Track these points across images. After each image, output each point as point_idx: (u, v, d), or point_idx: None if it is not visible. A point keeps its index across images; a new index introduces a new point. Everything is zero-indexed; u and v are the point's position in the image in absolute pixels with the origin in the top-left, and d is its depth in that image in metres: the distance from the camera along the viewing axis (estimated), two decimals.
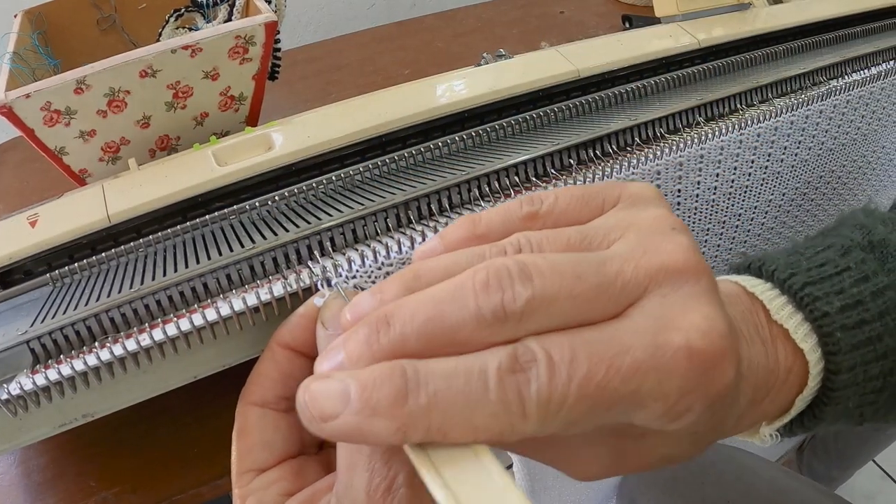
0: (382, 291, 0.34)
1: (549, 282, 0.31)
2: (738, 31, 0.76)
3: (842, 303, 0.42)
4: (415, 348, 0.31)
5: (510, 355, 0.29)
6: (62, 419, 0.48)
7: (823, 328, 0.42)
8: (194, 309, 0.47)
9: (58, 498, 0.55)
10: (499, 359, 0.29)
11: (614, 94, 0.67)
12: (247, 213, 0.55)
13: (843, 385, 0.42)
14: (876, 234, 0.47)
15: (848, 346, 0.42)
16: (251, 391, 0.43)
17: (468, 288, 0.31)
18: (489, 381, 0.29)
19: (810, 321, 0.43)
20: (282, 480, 0.41)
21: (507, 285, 0.30)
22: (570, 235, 0.35)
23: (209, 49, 0.64)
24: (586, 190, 0.39)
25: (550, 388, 0.29)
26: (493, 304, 0.30)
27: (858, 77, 0.68)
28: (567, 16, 1.29)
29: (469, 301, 0.30)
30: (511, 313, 0.30)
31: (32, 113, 0.60)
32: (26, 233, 0.53)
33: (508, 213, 0.38)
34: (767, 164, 0.63)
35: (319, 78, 1.14)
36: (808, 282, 0.43)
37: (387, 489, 0.33)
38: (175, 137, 0.71)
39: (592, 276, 0.32)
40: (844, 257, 0.45)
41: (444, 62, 1.15)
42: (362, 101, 0.65)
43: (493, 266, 0.31)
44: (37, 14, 0.83)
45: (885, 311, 0.43)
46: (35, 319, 0.47)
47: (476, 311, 0.30)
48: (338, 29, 1.55)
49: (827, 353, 0.42)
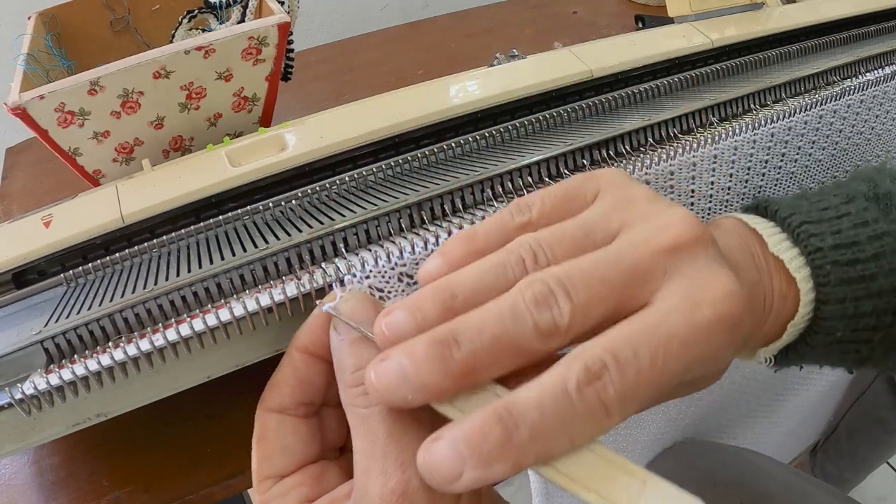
0: (420, 309, 0.37)
1: (583, 293, 0.35)
2: (752, 30, 0.75)
3: (836, 241, 0.46)
4: (485, 361, 0.34)
5: (582, 368, 0.33)
6: (75, 419, 0.48)
7: (816, 261, 0.46)
8: (208, 309, 0.47)
9: (71, 497, 0.56)
10: (575, 375, 0.32)
11: (627, 95, 0.66)
12: (260, 213, 0.55)
13: (832, 315, 0.46)
14: (882, 188, 0.50)
15: (837, 279, 0.46)
16: (269, 397, 0.43)
17: (521, 306, 0.34)
18: (573, 397, 0.32)
19: (804, 255, 0.47)
20: (301, 486, 0.41)
21: (552, 302, 0.34)
22: (572, 233, 0.39)
23: (222, 50, 0.64)
24: (566, 188, 0.42)
25: (624, 386, 0.33)
26: (546, 320, 0.34)
27: (872, 76, 0.68)
28: (580, 16, 1.29)
29: (527, 318, 0.34)
30: (561, 327, 0.34)
31: (46, 114, 0.60)
32: (40, 233, 0.53)
33: (502, 225, 0.41)
34: (781, 165, 0.63)
35: (332, 79, 1.14)
36: (806, 220, 0.48)
37: (402, 493, 0.35)
38: (188, 138, 0.71)
39: (615, 275, 0.36)
40: (847, 204, 0.49)
41: (457, 62, 1.15)
42: (375, 101, 0.65)
43: (535, 285, 0.35)
44: (50, 16, 0.83)
45: (881, 254, 0.46)
46: (49, 319, 0.47)
47: (534, 327, 0.34)
48: (351, 30, 1.55)
49: (818, 285, 0.46)
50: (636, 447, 0.97)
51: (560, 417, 0.32)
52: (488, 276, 0.37)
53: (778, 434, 1.24)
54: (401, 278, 0.47)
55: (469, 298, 0.36)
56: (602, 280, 0.35)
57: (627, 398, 0.33)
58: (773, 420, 1.18)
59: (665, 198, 0.41)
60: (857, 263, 0.46)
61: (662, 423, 0.97)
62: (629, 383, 0.33)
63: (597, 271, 0.35)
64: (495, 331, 0.34)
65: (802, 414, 1.27)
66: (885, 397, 1.33)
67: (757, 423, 1.14)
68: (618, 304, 0.36)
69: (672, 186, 0.57)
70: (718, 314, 0.35)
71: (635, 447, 0.97)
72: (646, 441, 0.98)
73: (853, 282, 0.46)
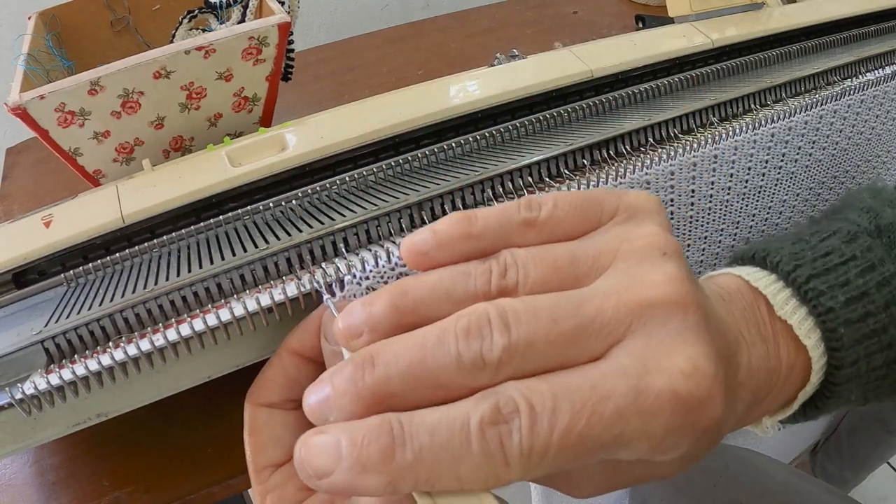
0: (372, 304, 0.35)
1: (525, 329, 0.31)
2: (752, 30, 0.75)
3: (846, 296, 0.42)
4: (398, 388, 0.32)
5: (492, 406, 0.30)
6: (76, 419, 0.48)
7: (827, 323, 0.42)
8: (208, 309, 0.47)
9: (71, 497, 0.56)
10: (481, 411, 0.30)
11: (628, 95, 0.66)
12: (260, 213, 0.55)
13: (846, 379, 0.43)
14: (883, 218, 0.46)
15: (851, 340, 0.42)
16: (257, 393, 0.43)
17: (450, 334, 0.32)
18: (471, 434, 0.29)
19: (814, 316, 0.42)
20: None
21: (486, 333, 0.31)
22: (558, 257, 0.36)
23: (223, 50, 0.64)
24: (586, 198, 0.38)
25: (532, 439, 0.29)
26: (472, 352, 0.31)
27: (873, 76, 0.68)
28: (580, 16, 1.29)
29: (451, 348, 0.31)
30: (489, 361, 0.31)
31: (47, 114, 0.60)
32: (41, 233, 0.53)
33: (506, 216, 0.38)
34: (782, 165, 0.63)
35: (333, 79, 1.14)
36: (812, 274, 0.43)
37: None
38: (189, 138, 0.71)
39: (570, 318, 0.32)
40: (850, 244, 0.45)
41: (458, 62, 1.15)
42: (375, 101, 0.65)
43: (475, 313, 0.32)
44: (51, 15, 0.83)
45: (891, 301, 0.43)
46: (49, 319, 0.47)
47: (457, 358, 0.31)
48: (351, 30, 1.55)
49: (830, 349, 0.42)
50: None
51: (452, 452, 0.29)
52: (446, 282, 0.35)
53: (778, 434, 1.24)
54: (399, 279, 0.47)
55: (419, 300, 0.35)
56: (554, 320, 0.32)
57: (533, 454, 0.29)
58: None
59: (678, 250, 0.37)
60: (868, 317, 0.42)
61: None
62: (539, 437, 0.29)
63: (553, 310, 0.32)
64: (413, 357, 0.32)
65: None
66: None
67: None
68: (566, 350, 0.32)
69: (672, 186, 0.57)
70: (674, 389, 0.31)
71: None
72: None
73: (865, 338, 0.42)
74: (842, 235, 0.46)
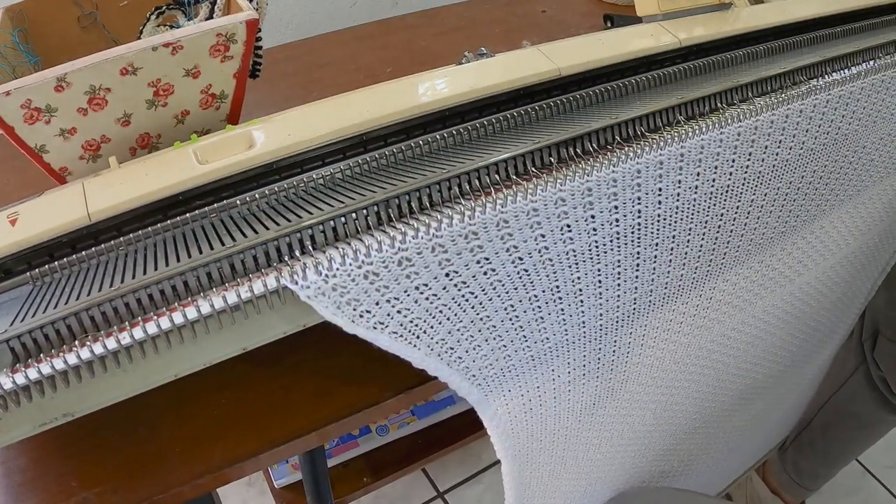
0: None
1: None
2: (720, 30, 0.76)
3: None
4: None
5: None
6: (42, 418, 0.48)
7: None
8: (175, 307, 0.47)
9: (39, 498, 0.55)
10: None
11: (595, 93, 0.67)
12: (227, 211, 0.55)
13: None
14: None
15: None
16: None
17: None
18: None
19: None
20: None
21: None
22: None
23: (190, 47, 0.64)
24: None
25: None
26: None
27: (838, 76, 0.69)
28: (549, 15, 1.29)
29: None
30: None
31: (12, 111, 0.60)
32: (6, 231, 0.53)
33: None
34: (748, 164, 0.64)
35: (301, 76, 1.14)
36: None
37: None
38: (156, 135, 0.70)
39: None
40: None
41: (426, 61, 1.15)
42: (343, 99, 0.65)
43: None
44: (17, 11, 0.82)
45: None
46: (15, 318, 0.47)
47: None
48: (319, 27, 1.55)
49: None
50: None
51: None
52: None
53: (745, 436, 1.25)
54: (367, 276, 0.47)
55: None
56: None
57: None
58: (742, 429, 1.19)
59: None
60: None
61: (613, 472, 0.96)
62: None
63: None
64: None
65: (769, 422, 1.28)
66: (864, 392, 1.34)
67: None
68: None
69: (639, 185, 0.57)
70: None
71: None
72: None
73: None
74: None
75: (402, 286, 0.50)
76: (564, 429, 0.71)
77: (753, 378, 0.98)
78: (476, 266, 0.53)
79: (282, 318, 0.52)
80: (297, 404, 0.62)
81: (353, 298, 0.47)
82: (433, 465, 1.66)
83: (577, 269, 0.58)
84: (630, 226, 0.59)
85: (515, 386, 0.62)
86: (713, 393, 0.92)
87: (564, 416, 0.69)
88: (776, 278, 0.81)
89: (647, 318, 0.68)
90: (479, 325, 0.56)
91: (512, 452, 0.66)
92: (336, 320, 0.48)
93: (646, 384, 0.76)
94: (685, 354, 0.78)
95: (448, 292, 0.52)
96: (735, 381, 0.94)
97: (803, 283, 0.87)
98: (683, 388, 0.84)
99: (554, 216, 0.54)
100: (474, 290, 0.54)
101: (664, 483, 1.04)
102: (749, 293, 0.79)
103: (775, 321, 0.89)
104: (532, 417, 0.65)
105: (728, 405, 0.99)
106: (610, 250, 0.60)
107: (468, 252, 0.51)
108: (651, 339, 0.71)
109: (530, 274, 0.56)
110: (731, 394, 0.96)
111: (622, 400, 0.75)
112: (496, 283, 0.54)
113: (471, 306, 0.54)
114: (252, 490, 1.58)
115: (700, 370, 0.84)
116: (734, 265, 0.73)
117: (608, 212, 0.57)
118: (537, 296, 0.57)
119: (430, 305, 0.52)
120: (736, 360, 0.89)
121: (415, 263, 0.49)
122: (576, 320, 0.62)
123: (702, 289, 0.72)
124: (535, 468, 0.71)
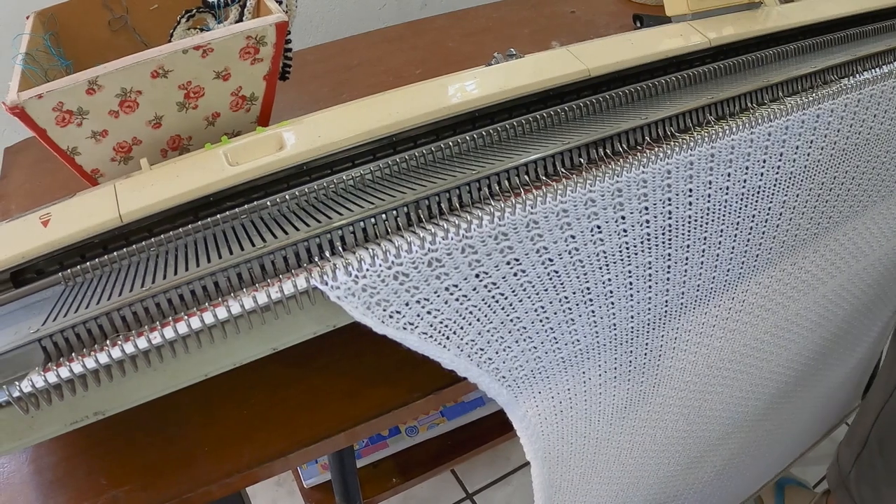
0: None
1: None
2: (749, 29, 0.76)
3: None
4: None
5: None
6: (73, 417, 0.48)
7: None
8: (205, 307, 0.47)
9: (69, 496, 0.56)
10: None
11: (625, 94, 0.67)
12: (258, 212, 0.55)
13: None
14: None
15: None
16: None
17: None
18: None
19: None
20: None
21: None
22: None
23: (220, 49, 0.64)
24: None
25: None
26: None
27: (869, 76, 0.68)
28: (578, 15, 1.29)
29: None
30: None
31: (45, 113, 0.60)
32: (39, 232, 0.53)
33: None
34: (780, 165, 0.63)
35: (330, 78, 1.14)
36: None
37: None
38: (187, 137, 0.71)
39: None
40: None
41: (455, 62, 1.15)
42: (373, 100, 0.65)
43: None
44: (49, 15, 0.83)
45: None
46: (47, 318, 0.47)
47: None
48: (349, 29, 1.55)
49: None
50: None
51: None
52: None
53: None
54: (396, 276, 0.47)
55: None
56: None
57: None
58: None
59: None
60: None
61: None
62: None
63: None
64: None
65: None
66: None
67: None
68: None
69: (669, 185, 0.57)
70: None
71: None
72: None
73: None
74: None
75: (432, 287, 0.50)
76: (595, 432, 0.70)
77: (786, 382, 0.97)
78: (506, 267, 0.52)
79: (311, 319, 0.52)
80: (326, 404, 0.62)
81: (383, 299, 0.47)
82: (462, 466, 1.65)
83: (607, 271, 0.58)
84: (661, 227, 0.59)
85: (546, 387, 0.61)
86: (746, 398, 0.91)
87: (595, 418, 0.69)
88: (809, 281, 0.80)
89: (679, 320, 0.68)
90: (510, 326, 0.55)
91: (542, 454, 0.65)
92: (366, 321, 0.48)
93: (678, 388, 0.76)
94: (718, 358, 0.77)
95: (478, 293, 0.52)
96: (768, 385, 0.93)
97: (836, 285, 0.86)
98: (717, 392, 0.83)
99: (584, 217, 0.54)
100: (504, 291, 0.53)
101: (697, 491, 1.03)
102: (782, 296, 0.78)
103: (808, 324, 0.88)
104: (562, 419, 0.65)
105: (761, 410, 0.98)
106: (640, 252, 0.59)
107: (498, 253, 0.51)
108: (683, 343, 0.71)
109: (560, 275, 0.56)
110: (764, 398, 0.95)
111: (654, 404, 0.75)
112: (526, 284, 0.54)
113: (501, 307, 0.54)
114: (281, 490, 1.59)
115: (734, 374, 0.83)
116: (766, 267, 0.72)
117: (638, 213, 0.57)
118: (567, 297, 0.57)
119: (459, 306, 0.52)
120: (769, 363, 0.88)
121: (445, 264, 0.49)
122: (606, 322, 0.61)
123: (734, 291, 0.71)
124: (564, 471, 0.71)
